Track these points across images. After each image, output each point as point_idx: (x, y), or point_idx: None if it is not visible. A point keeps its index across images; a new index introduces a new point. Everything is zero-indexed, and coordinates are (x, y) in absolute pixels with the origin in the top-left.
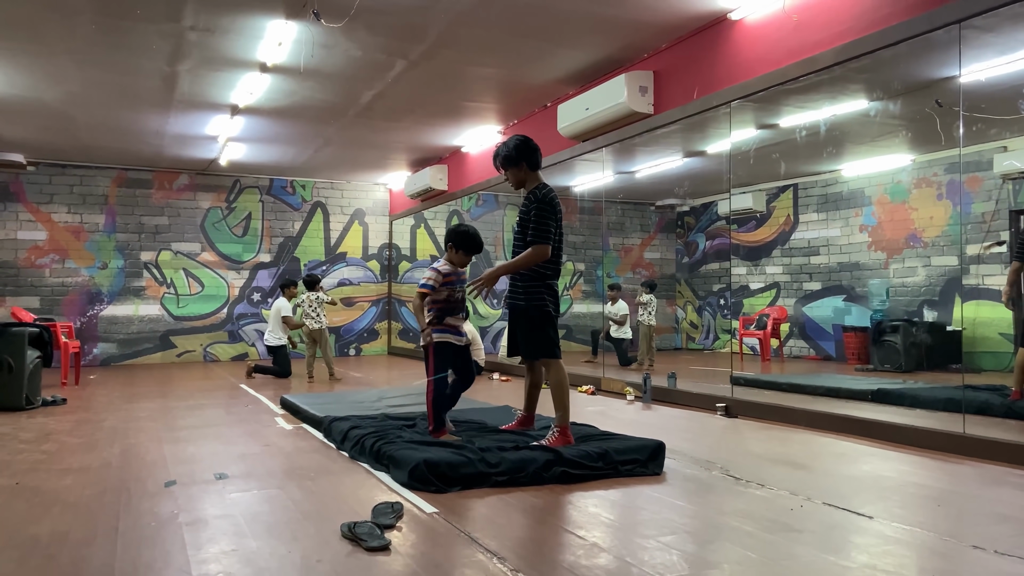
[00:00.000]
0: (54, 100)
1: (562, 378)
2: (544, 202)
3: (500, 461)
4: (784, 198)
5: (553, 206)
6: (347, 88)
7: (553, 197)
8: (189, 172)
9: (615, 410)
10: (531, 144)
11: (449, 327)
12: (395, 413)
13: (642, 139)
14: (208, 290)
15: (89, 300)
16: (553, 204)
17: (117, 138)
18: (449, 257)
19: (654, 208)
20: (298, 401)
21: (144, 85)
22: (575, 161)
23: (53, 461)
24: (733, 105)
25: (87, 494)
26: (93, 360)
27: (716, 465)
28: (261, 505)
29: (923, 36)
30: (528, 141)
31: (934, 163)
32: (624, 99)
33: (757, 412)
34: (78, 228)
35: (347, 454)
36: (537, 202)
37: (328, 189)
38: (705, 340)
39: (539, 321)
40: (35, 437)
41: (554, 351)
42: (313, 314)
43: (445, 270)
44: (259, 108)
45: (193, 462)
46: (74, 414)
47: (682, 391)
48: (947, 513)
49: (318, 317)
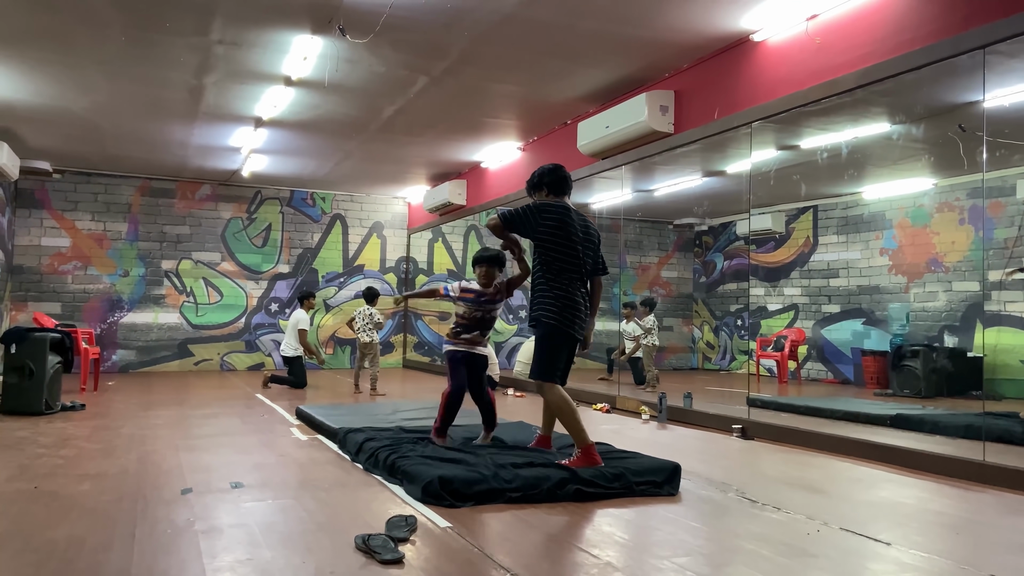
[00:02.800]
0: (82, 110)
1: (558, 400)
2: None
3: (514, 478)
4: (804, 219)
5: (530, 208)
6: (369, 103)
7: (541, 204)
8: (212, 183)
9: (630, 429)
10: (546, 172)
11: (461, 341)
12: (410, 426)
13: (662, 158)
14: (227, 299)
15: (110, 307)
16: (536, 207)
17: (142, 148)
18: (478, 278)
19: (672, 227)
20: (313, 412)
21: (170, 97)
22: (594, 179)
23: (71, 466)
24: (754, 126)
25: (104, 500)
26: (112, 367)
27: (732, 487)
28: (276, 515)
29: (947, 61)
30: (556, 169)
31: (956, 188)
32: (644, 118)
33: (774, 434)
34: (101, 236)
35: (361, 466)
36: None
37: (348, 202)
38: (722, 361)
39: (541, 338)
40: (54, 442)
41: (547, 375)
42: (366, 328)
43: (466, 285)
44: (282, 121)
45: (209, 471)
46: (92, 420)
47: (698, 411)
48: (965, 541)
49: (370, 331)
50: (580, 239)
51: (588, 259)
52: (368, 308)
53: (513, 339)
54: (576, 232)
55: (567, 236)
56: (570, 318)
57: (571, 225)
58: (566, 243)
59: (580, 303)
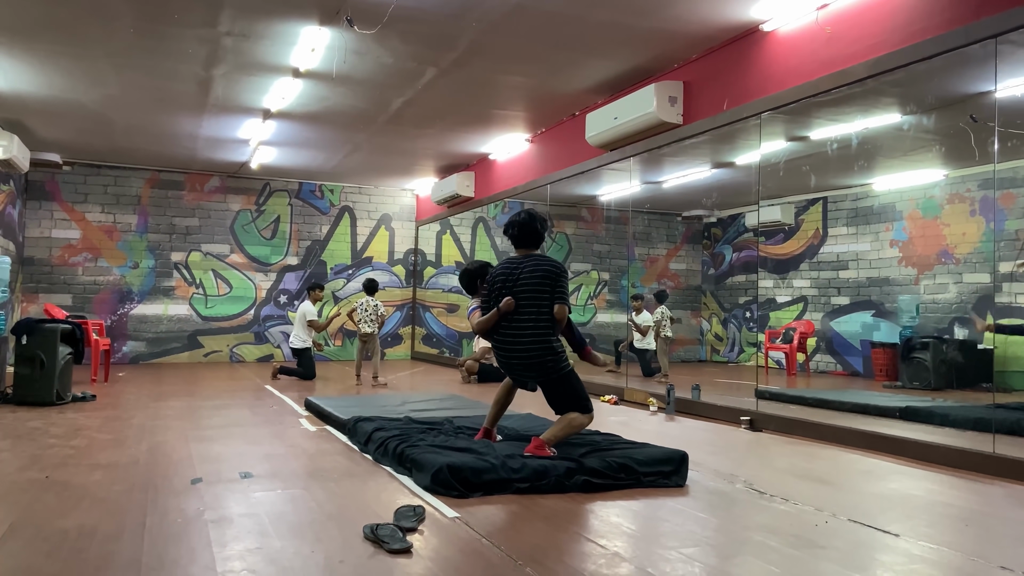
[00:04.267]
0: (92, 102)
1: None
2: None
3: (522, 467)
4: (813, 211)
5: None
6: (378, 95)
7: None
8: (220, 175)
9: (638, 421)
10: (511, 226)
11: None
12: (419, 417)
13: (670, 149)
14: (236, 291)
15: (120, 299)
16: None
17: (152, 140)
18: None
19: (681, 219)
20: (322, 403)
21: (180, 89)
22: (602, 170)
23: (82, 456)
24: (764, 117)
25: (115, 490)
26: (122, 358)
27: (740, 478)
28: (285, 505)
29: (958, 50)
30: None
31: (967, 179)
32: (653, 109)
33: (782, 426)
34: (111, 228)
35: (370, 456)
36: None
37: (356, 194)
38: (730, 353)
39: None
40: (65, 432)
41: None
42: (368, 319)
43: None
44: (291, 113)
45: (219, 461)
46: (103, 411)
47: (706, 403)
48: (975, 533)
49: (372, 323)
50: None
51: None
52: (371, 300)
53: None
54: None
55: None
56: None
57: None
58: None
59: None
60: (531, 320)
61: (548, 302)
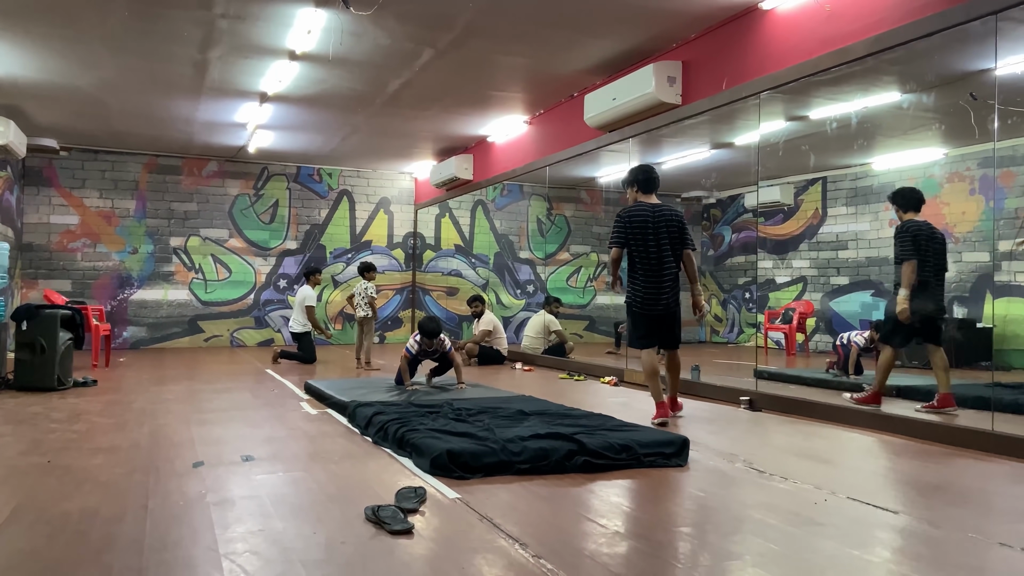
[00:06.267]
0: (87, 86)
1: (642, 365)
2: (617, 217)
3: (522, 450)
4: (813, 191)
5: (622, 219)
6: (375, 76)
7: (626, 211)
8: (218, 159)
9: (638, 402)
10: (644, 173)
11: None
12: (419, 400)
13: (669, 130)
14: (235, 276)
15: (119, 284)
16: (622, 217)
17: (148, 124)
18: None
19: (680, 200)
20: (323, 387)
21: (175, 72)
22: (601, 152)
23: (84, 440)
24: (763, 96)
25: (117, 473)
26: (123, 343)
27: (739, 458)
28: (287, 487)
29: (958, 27)
30: (644, 169)
31: (967, 157)
32: (652, 89)
33: (781, 406)
34: (109, 213)
35: (371, 439)
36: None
37: (354, 177)
38: (729, 334)
39: (627, 315)
40: (66, 417)
41: (633, 342)
42: (363, 303)
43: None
44: (288, 96)
45: (220, 444)
46: (104, 395)
47: (706, 384)
48: (973, 510)
49: (365, 307)
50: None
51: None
52: (364, 283)
53: (520, 314)
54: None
55: (634, 231)
56: (639, 295)
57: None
58: (633, 236)
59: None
60: (674, 261)
61: (679, 246)
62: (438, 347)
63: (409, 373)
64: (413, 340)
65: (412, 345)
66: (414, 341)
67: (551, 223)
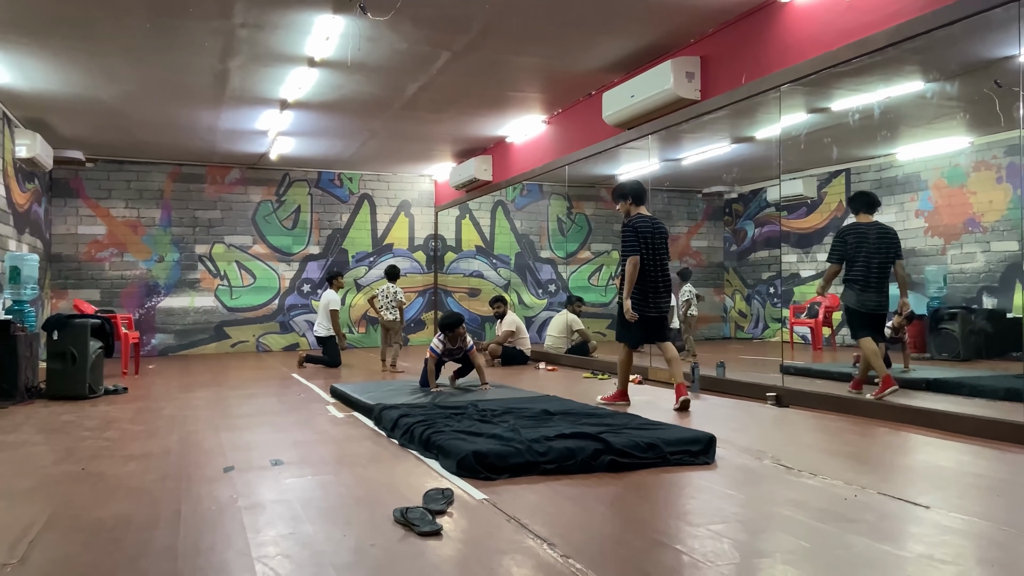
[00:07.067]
0: (110, 98)
1: (622, 358)
2: (626, 227)
3: (548, 450)
4: (836, 184)
5: (633, 228)
6: (393, 81)
7: (635, 221)
8: (240, 167)
9: (664, 400)
10: (637, 186)
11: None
12: (444, 402)
13: (689, 126)
14: (260, 282)
15: (147, 292)
16: (633, 227)
17: (171, 134)
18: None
19: (701, 195)
20: (348, 390)
21: (196, 82)
22: (620, 149)
23: (116, 448)
24: (783, 89)
25: (149, 479)
26: (151, 350)
27: (767, 454)
28: (315, 491)
29: (980, 15)
30: (636, 183)
31: (993, 145)
32: (670, 86)
33: (808, 401)
34: (135, 223)
35: (397, 442)
36: (622, 227)
37: (375, 181)
38: (754, 329)
39: (623, 315)
40: (98, 425)
41: (627, 340)
42: (389, 306)
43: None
44: (307, 102)
45: (249, 449)
46: (135, 403)
47: (731, 380)
48: (1006, 503)
49: (393, 310)
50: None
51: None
52: (391, 286)
53: (543, 314)
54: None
55: (645, 240)
56: (642, 299)
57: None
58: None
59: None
60: (667, 268)
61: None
62: (461, 345)
63: (434, 374)
64: (437, 340)
65: (436, 345)
66: (438, 340)
67: (571, 222)
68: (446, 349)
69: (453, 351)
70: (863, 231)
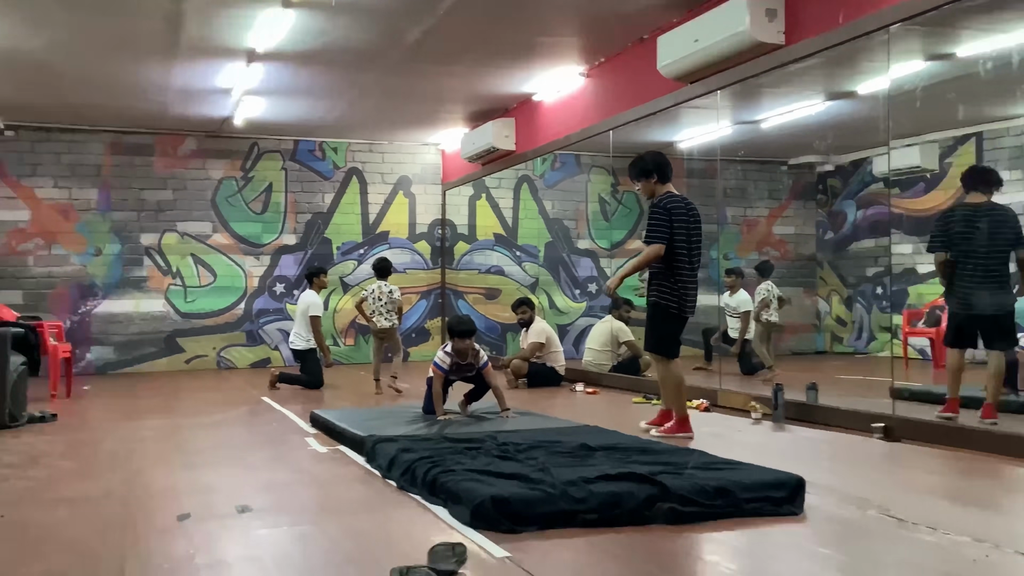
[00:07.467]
0: (35, 49)
1: (669, 376)
2: (656, 207)
3: (588, 496)
4: (964, 152)
5: (667, 210)
6: (389, 24)
7: (668, 202)
8: (197, 135)
9: (737, 431)
10: (662, 158)
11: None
12: (454, 434)
13: (770, 78)
14: (221, 280)
15: (81, 294)
16: (667, 208)
17: (112, 95)
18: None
19: (787, 168)
20: (333, 418)
21: (143, 28)
22: (680, 109)
23: (44, 490)
24: (892, 31)
25: (86, 530)
26: (87, 367)
27: (872, 503)
28: (293, 545)
29: None
30: (660, 155)
31: None
32: (746, 27)
33: (927, 435)
34: (67, 206)
35: (395, 483)
36: (652, 207)
37: (366, 152)
38: (857, 341)
39: (657, 317)
40: (21, 461)
41: (665, 350)
42: (383, 310)
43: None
44: (281, 53)
45: (210, 492)
46: (67, 433)
47: (825, 407)
48: None
49: (389, 314)
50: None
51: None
52: (384, 284)
53: (581, 321)
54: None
55: (681, 224)
56: (679, 295)
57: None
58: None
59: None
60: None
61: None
62: (472, 360)
63: (441, 398)
64: (442, 352)
65: (442, 358)
66: (443, 353)
67: (617, 203)
68: (454, 364)
69: (463, 367)
70: (970, 213)
